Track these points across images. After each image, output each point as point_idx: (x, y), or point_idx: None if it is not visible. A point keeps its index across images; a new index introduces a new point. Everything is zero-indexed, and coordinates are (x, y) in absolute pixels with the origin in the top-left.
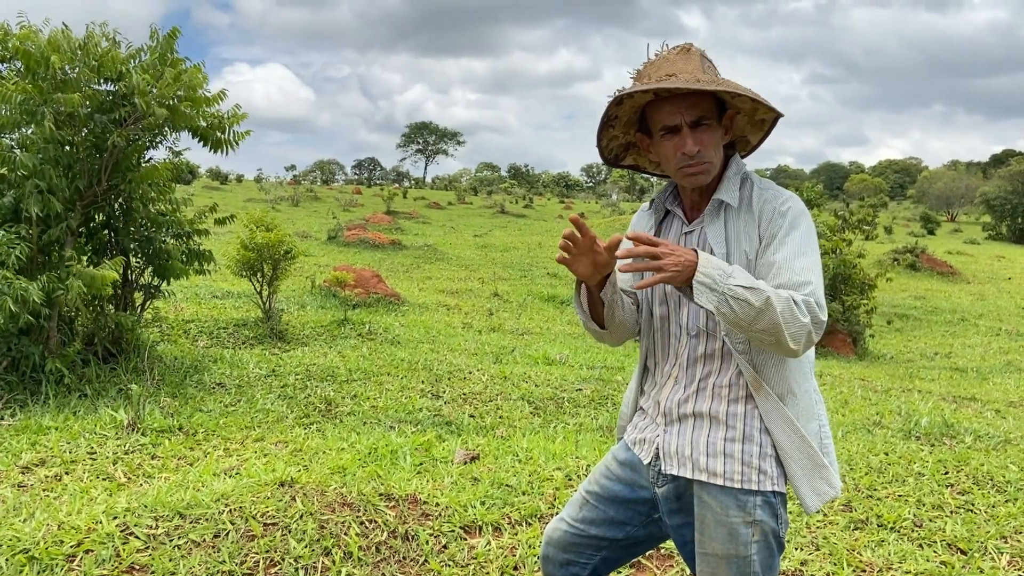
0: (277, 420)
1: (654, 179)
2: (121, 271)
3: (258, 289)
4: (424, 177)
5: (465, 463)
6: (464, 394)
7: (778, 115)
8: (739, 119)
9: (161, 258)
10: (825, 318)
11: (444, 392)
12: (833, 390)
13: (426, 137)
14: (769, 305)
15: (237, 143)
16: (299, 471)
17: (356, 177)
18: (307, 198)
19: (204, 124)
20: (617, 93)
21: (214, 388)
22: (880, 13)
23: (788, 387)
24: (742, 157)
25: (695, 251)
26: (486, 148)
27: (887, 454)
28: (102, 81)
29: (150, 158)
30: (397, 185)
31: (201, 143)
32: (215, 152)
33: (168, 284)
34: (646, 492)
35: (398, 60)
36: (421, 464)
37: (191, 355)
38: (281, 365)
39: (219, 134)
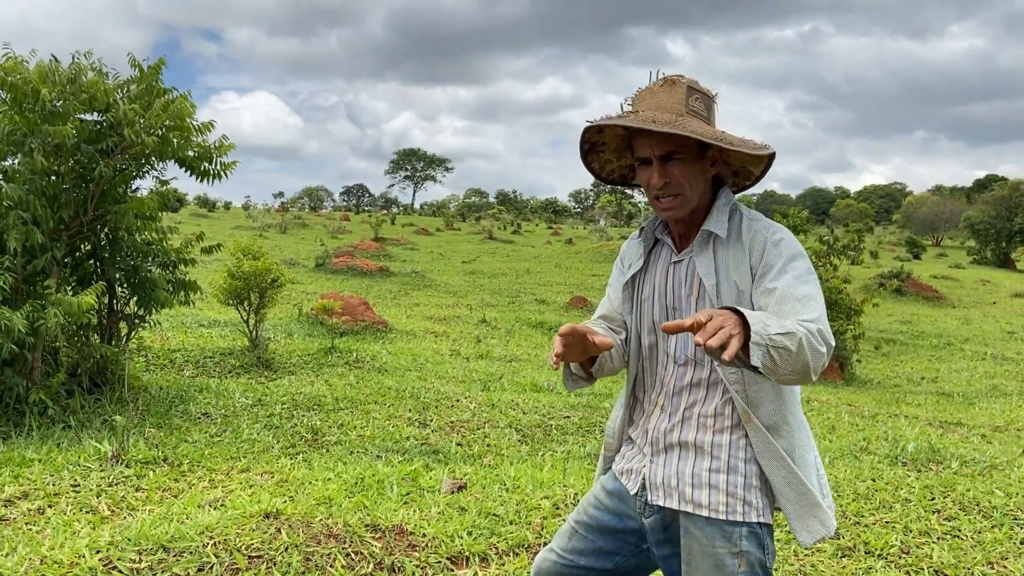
0: (263, 450)
1: (642, 204)
2: (100, 297)
3: (245, 318)
4: (412, 203)
5: (452, 492)
6: (452, 422)
7: (766, 154)
8: (735, 153)
9: (146, 288)
10: (833, 345)
11: (431, 420)
12: (820, 415)
13: (414, 164)
14: (801, 347)
15: (225, 173)
16: (285, 502)
17: (344, 204)
18: (295, 225)
19: (192, 154)
20: (588, 123)
21: (199, 418)
22: (861, 42)
23: (782, 417)
24: (746, 188)
25: (733, 309)
26: (474, 174)
27: (874, 480)
28: (88, 111)
29: (137, 188)
30: (385, 211)
31: (189, 173)
32: (202, 182)
33: (152, 315)
34: (634, 522)
35: (386, 88)
36: (408, 494)
37: (177, 385)
38: (267, 394)
39: (206, 164)
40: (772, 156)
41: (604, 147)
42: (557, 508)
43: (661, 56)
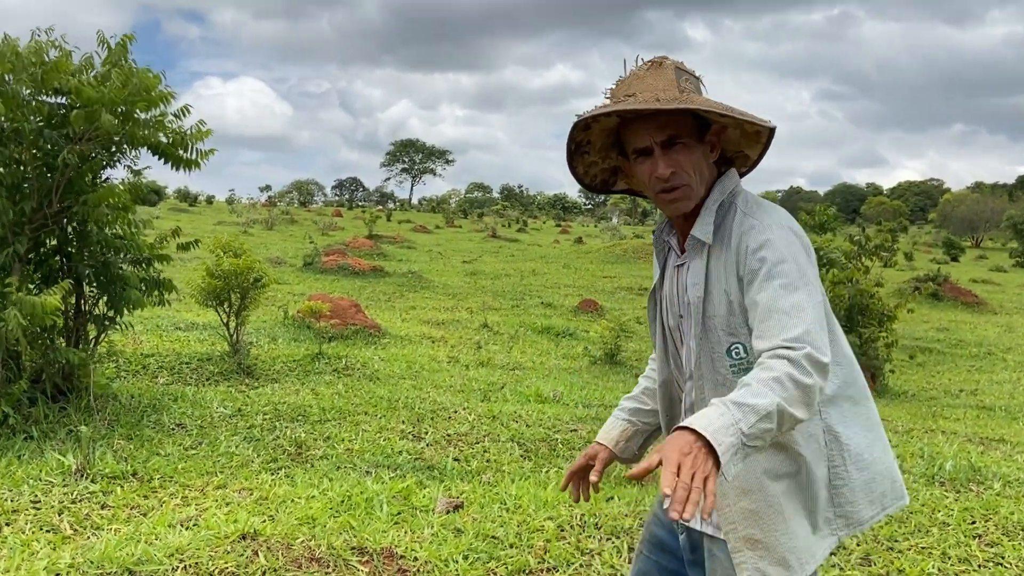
0: (241, 465)
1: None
2: (66, 297)
3: (224, 320)
4: (410, 198)
5: (447, 512)
6: (448, 435)
7: (769, 128)
8: (730, 133)
9: (117, 286)
10: (828, 359)
11: (426, 433)
12: None
13: (412, 155)
14: (782, 410)
15: (201, 161)
16: (263, 522)
17: (337, 198)
18: (282, 221)
19: (165, 140)
20: (577, 118)
21: (173, 429)
22: (893, 27)
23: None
24: (744, 173)
25: (689, 429)
26: (476, 167)
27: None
28: (51, 93)
29: (107, 178)
30: (380, 207)
31: (163, 161)
32: (177, 170)
33: (123, 316)
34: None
35: (382, 74)
36: (399, 514)
37: (149, 393)
38: (248, 404)
39: (181, 151)
40: (772, 133)
41: (589, 146)
42: (562, 530)
43: (679, 41)
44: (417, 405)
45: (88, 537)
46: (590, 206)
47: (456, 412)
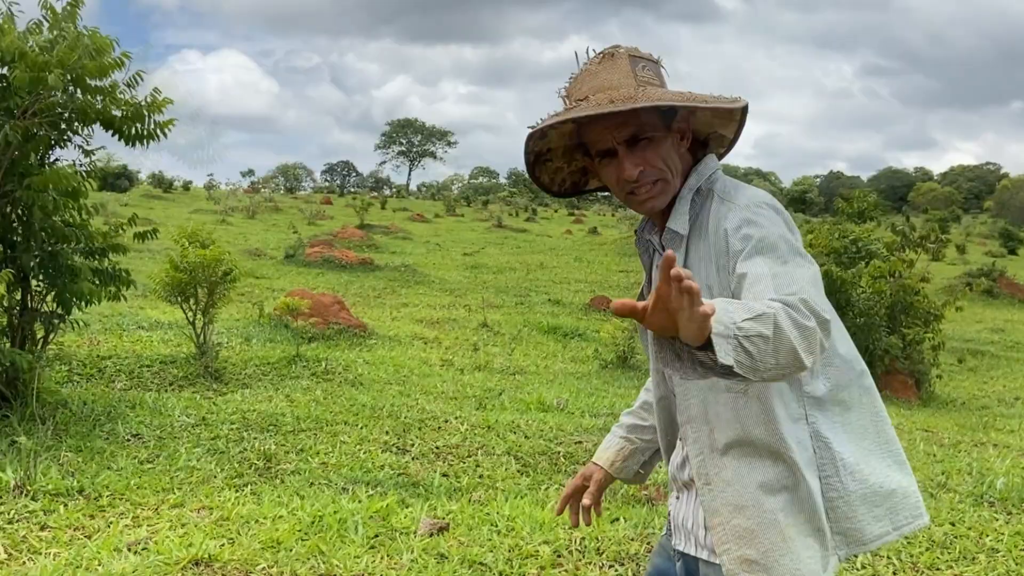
0: (202, 480)
1: None
2: (10, 292)
3: (191, 318)
4: (407, 184)
5: (431, 535)
6: (437, 447)
7: (740, 107)
8: (700, 115)
9: (66, 279)
10: (829, 316)
11: (413, 445)
12: None
13: (410, 137)
14: (780, 327)
15: (160, 134)
16: (221, 546)
17: (327, 184)
18: (266, 209)
19: (119, 114)
20: (530, 129)
21: (128, 440)
22: None
23: (746, 436)
24: (723, 155)
25: None
26: (481, 150)
27: (953, 524)
28: None
29: (55, 159)
30: (375, 194)
31: (117, 137)
32: (132, 146)
33: (73, 314)
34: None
35: (377, 47)
36: (376, 536)
37: (104, 399)
38: (214, 412)
39: (137, 125)
40: (745, 111)
41: (551, 154)
42: (559, 556)
43: (706, 11)
44: (403, 413)
45: (24, 562)
46: (607, 194)
47: (447, 422)
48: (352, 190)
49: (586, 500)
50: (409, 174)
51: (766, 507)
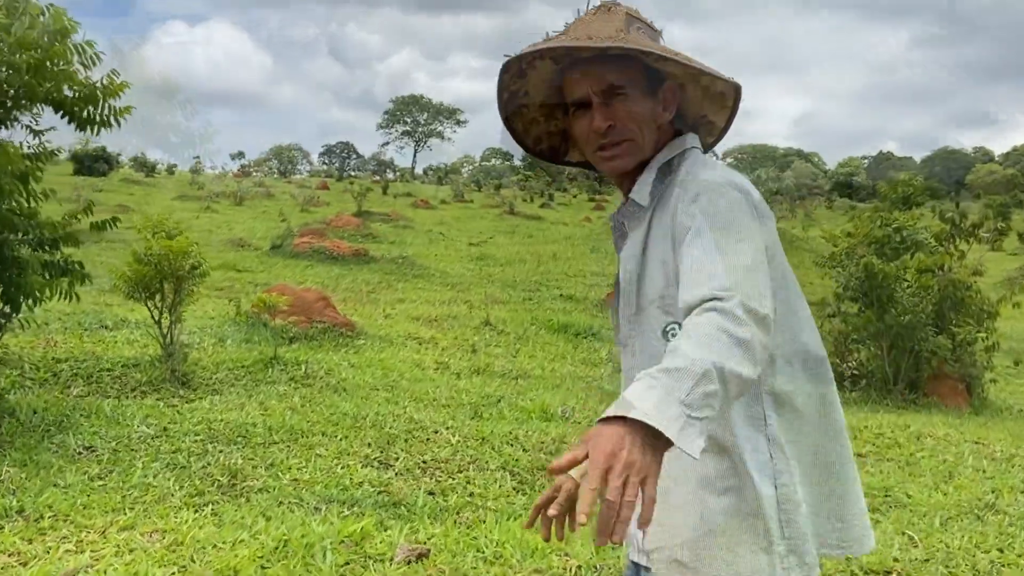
0: (158, 499)
1: (725, 161)
2: None
3: (156, 317)
4: (412, 167)
5: (408, 563)
6: (424, 462)
7: (733, 85)
8: (690, 92)
9: (12, 272)
10: (768, 311)
11: (397, 459)
12: (934, 458)
13: (416, 115)
14: (721, 367)
15: (115, 120)
16: (172, 574)
17: (325, 167)
18: (255, 194)
19: (71, 95)
20: (506, 57)
21: (80, 453)
22: None
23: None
24: (711, 144)
25: (614, 419)
26: (493, 130)
27: (1001, 551)
28: None
29: None
30: (377, 178)
31: (68, 120)
32: (84, 131)
33: (20, 312)
34: None
35: (380, 17)
36: (347, 564)
37: (57, 408)
38: (178, 421)
39: (91, 108)
40: (739, 93)
41: (527, 99)
42: None
43: None
44: (389, 423)
45: None
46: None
47: (437, 432)
48: (352, 173)
49: (551, 511)
50: (414, 156)
51: (709, 506)
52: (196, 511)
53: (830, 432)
